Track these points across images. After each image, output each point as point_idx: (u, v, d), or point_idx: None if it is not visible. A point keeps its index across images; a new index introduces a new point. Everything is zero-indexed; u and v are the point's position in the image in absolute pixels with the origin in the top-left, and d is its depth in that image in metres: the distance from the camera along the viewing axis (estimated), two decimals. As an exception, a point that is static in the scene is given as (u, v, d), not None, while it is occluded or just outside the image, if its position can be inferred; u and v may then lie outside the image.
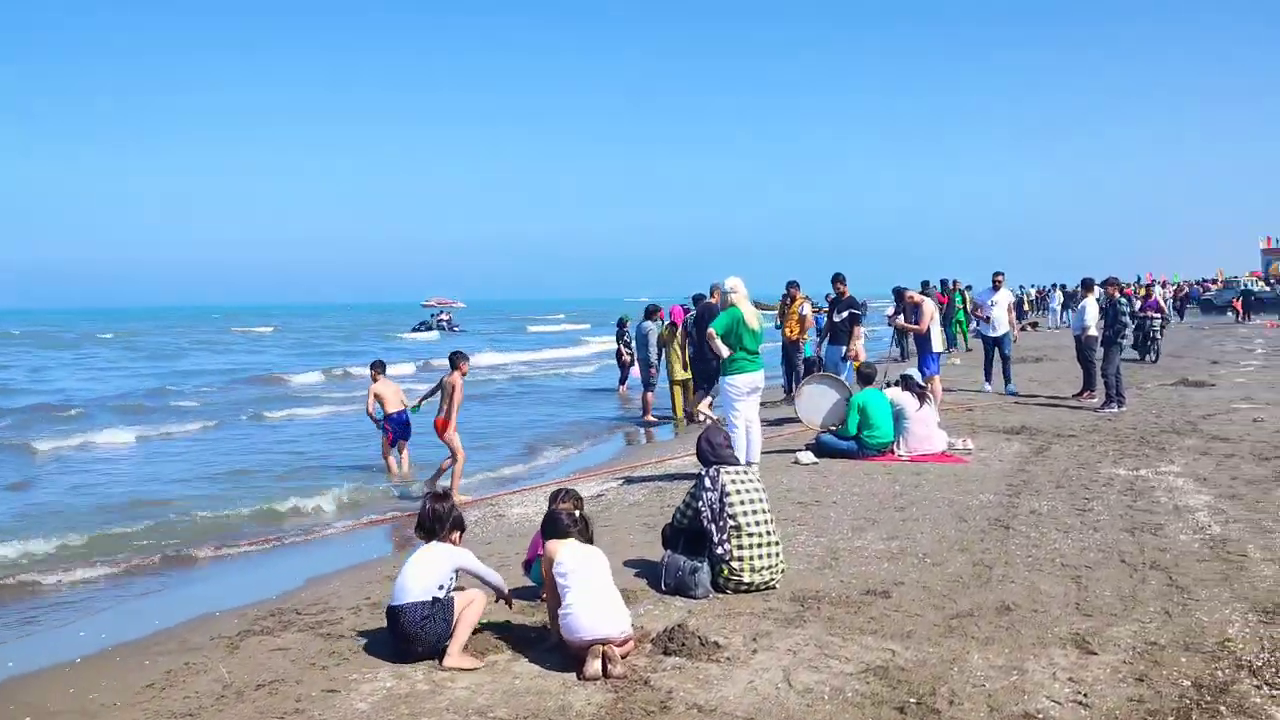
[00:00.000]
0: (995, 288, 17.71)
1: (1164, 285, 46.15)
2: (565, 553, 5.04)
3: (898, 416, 10.99)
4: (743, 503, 6.00)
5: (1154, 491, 8.90)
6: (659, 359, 16.83)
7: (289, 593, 7.06)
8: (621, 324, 21.18)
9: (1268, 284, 56.18)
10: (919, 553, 6.95)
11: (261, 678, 4.94)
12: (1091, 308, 15.94)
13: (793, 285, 16.56)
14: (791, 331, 16.63)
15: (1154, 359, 23.00)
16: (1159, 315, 23.74)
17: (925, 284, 28.83)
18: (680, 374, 16.00)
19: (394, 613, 5.12)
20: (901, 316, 15.31)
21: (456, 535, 5.55)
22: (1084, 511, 8.13)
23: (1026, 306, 47.21)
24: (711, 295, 16.42)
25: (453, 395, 10.54)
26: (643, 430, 16.34)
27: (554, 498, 5.90)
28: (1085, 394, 16.25)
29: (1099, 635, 5.21)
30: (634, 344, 18.64)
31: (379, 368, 12.61)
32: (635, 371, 18.34)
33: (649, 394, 17.23)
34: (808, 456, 10.67)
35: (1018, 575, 6.36)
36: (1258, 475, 9.45)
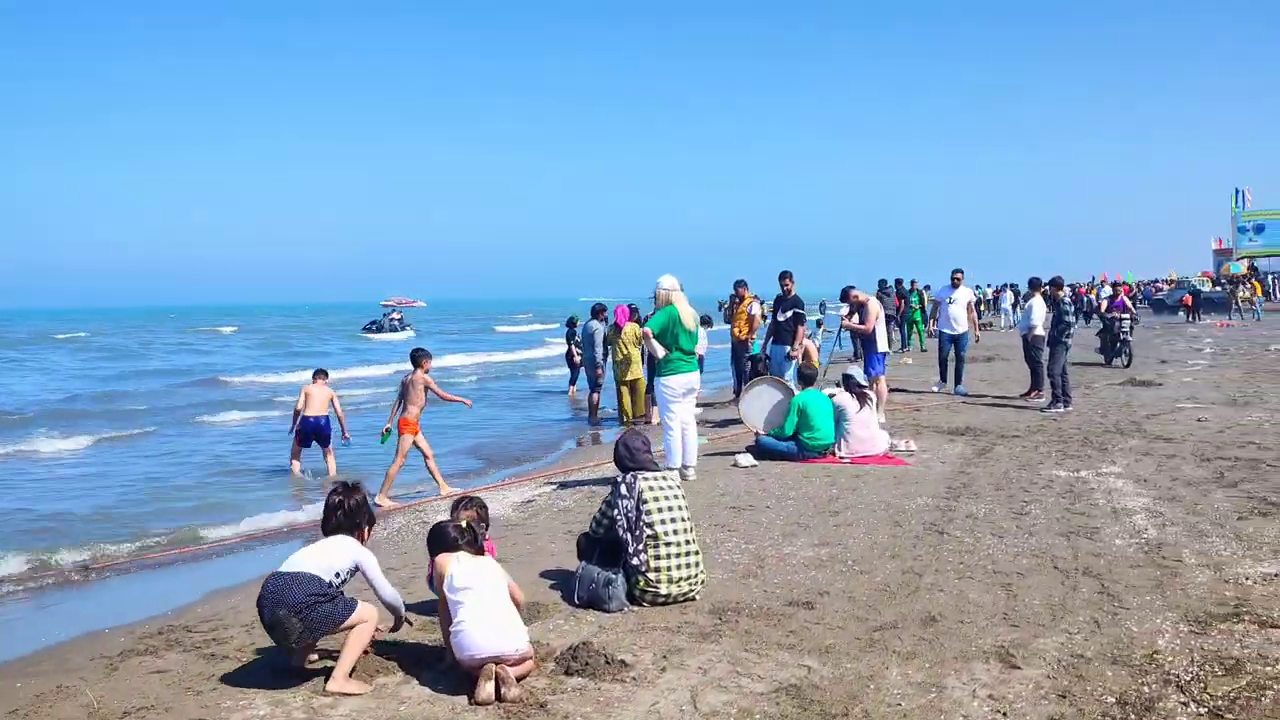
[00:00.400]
0: (954, 285, 17.46)
1: (1111, 284, 46.45)
2: (455, 567, 4.74)
3: (838, 418, 10.78)
4: (660, 510, 5.73)
5: (1093, 494, 8.74)
6: (605, 359, 16.58)
7: (185, 607, 6.70)
8: (571, 324, 20.87)
9: (1218, 284, 56.89)
10: (849, 560, 6.71)
11: (130, 704, 4.59)
12: (1038, 308, 15.87)
13: (740, 284, 16.33)
14: (740, 331, 16.40)
15: (1125, 362, 21.28)
16: (1127, 315, 21.89)
17: (883, 283, 28.78)
18: (627, 374, 15.72)
19: (275, 582, 4.68)
20: (855, 317, 15.17)
21: (366, 530, 5.19)
22: (1021, 515, 7.94)
23: (983, 306, 47.44)
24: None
25: (413, 394, 10.29)
26: (589, 432, 16.07)
27: (456, 506, 5.60)
28: (1032, 393, 16.17)
29: (1024, 648, 4.99)
30: (582, 344, 18.38)
31: (321, 375, 12.34)
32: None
33: (595, 395, 16.95)
34: (746, 459, 10.43)
35: (947, 583, 6.14)
36: (1197, 477, 9.32)
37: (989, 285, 52.59)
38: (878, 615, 5.55)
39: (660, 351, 9.31)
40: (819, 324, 26.81)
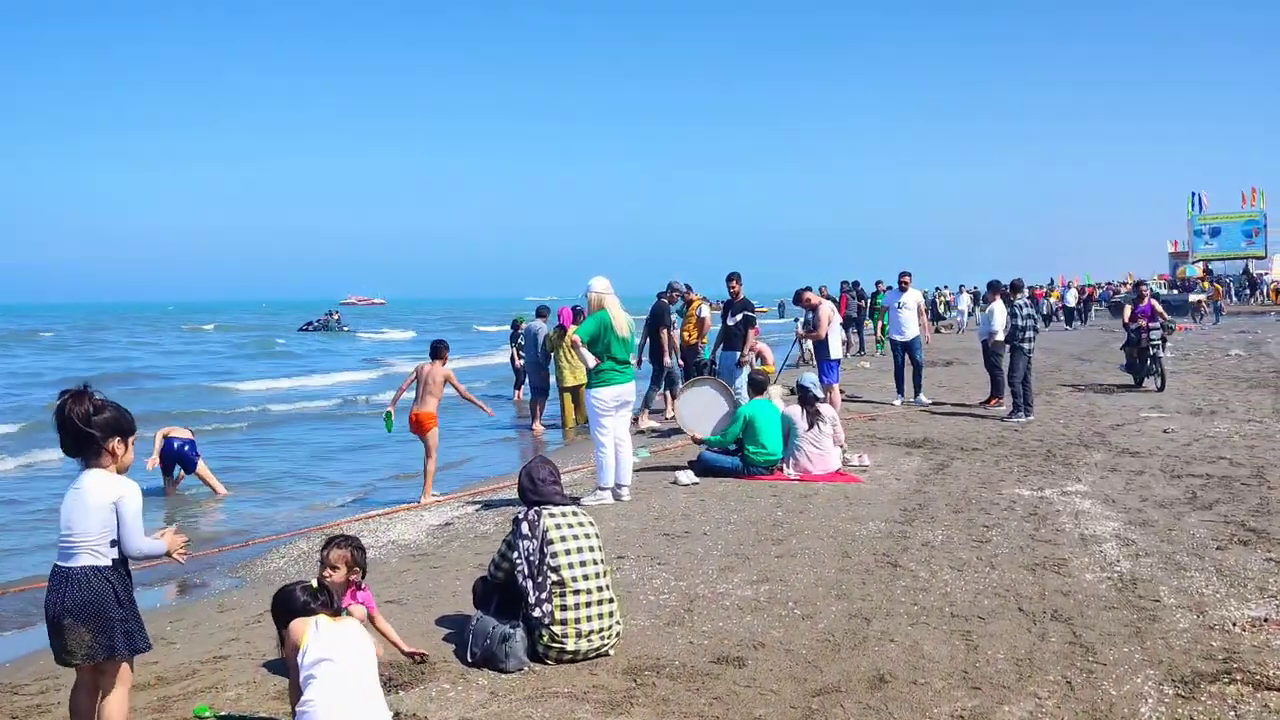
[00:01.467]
0: (903, 288, 16.70)
1: (1135, 284, 46.25)
2: (311, 636, 3.93)
3: (788, 433, 10.04)
4: (569, 552, 4.94)
5: (1059, 517, 8.06)
6: (548, 363, 15.76)
7: (19, 660, 5.83)
8: (515, 325, 20.01)
9: (1174, 288, 56.99)
10: (790, 600, 5.96)
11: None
12: (999, 312, 15.26)
13: (688, 289, 15.60)
14: (690, 335, 15.64)
15: (1159, 384, 16.93)
16: (1158, 326, 17.23)
17: (844, 284, 28.15)
18: (569, 380, 14.92)
19: (56, 577, 3.75)
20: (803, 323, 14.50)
21: (117, 444, 3.86)
22: (982, 543, 7.23)
23: (942, 308, 46.99)
24: (669, 292, 15.57)
25: (431, 386, 9.72)
26: (531, 439, 15.29)
27: (327, 546, 4.77)
28: (993, 401, 15.55)
29: (987, 719, 4.26)
30: (524, 347, 17.57)
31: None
32: None
33: (537, 400, 16.13)
34: (687, 476, 9.66)
35: (899, 631, 5.40)
36: (1169, 496, 8.68)
37: (945, 287, 52.23)
38: (818, 674, 4.79)
39: (591, 361, 8.54)
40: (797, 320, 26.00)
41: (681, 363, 14.90)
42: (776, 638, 5.31)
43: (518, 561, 4.89)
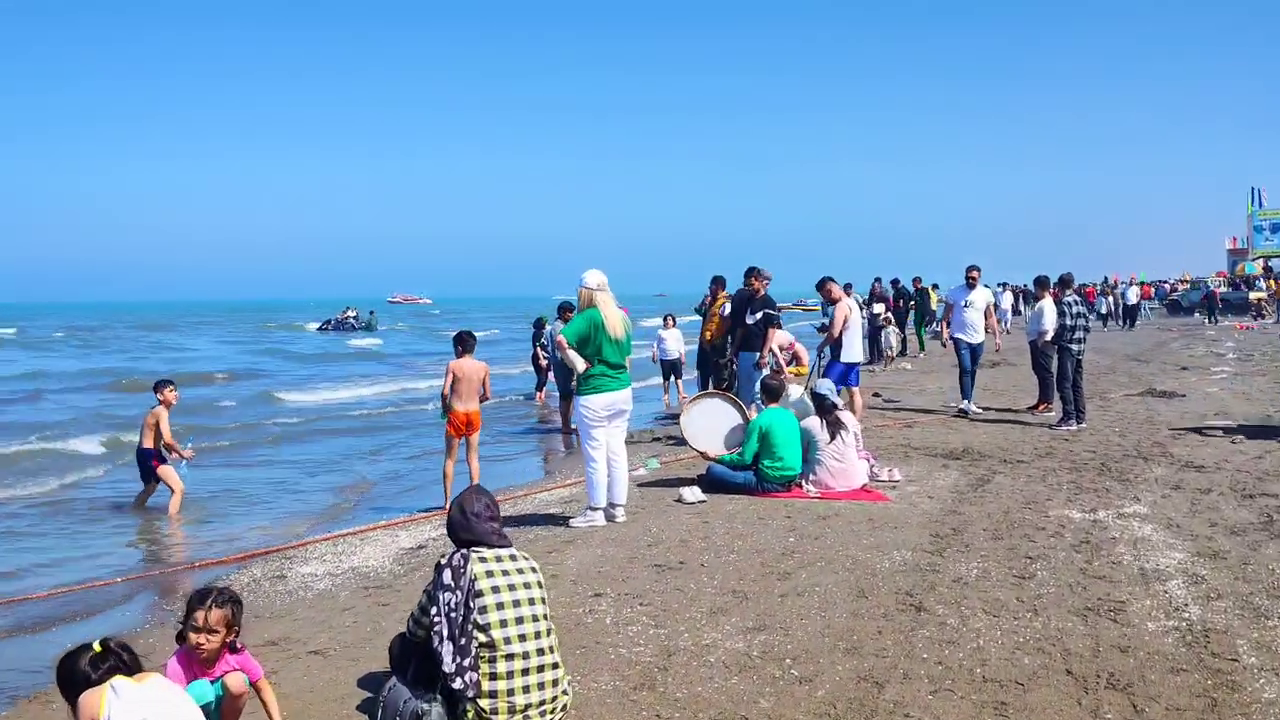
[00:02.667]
0: (970, 285, 14.57)
1: (1129, 285, 44.46)
2: (109, 702, 3.05)
3: (806, 445, 9.03)
4: (501, 606, 3.98)
5: (1115, 545, 7.00)
6: None
7: None
8: (539, 325, 19.12)
9: (1233, 285, 54.92)
10: (788, 655, 4.97)
11: None
12: (1049, 310, 14.04)
13: (716, 282, 14.56)
14: (713, 334, 14.64)
15: None
16: None
17: (893, 282, 26.95)
18: None
19: None
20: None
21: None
22: (1024, 579, 6.20)
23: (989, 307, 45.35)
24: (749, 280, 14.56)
25: (474, 384, 9.15)
26: (561, 442, 14.42)
27: (202, 603, 3.84)
28: (1041, 406, 14.40)
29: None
30: (549, 348, 16.72)
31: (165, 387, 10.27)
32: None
33: (565, 404, 15.19)
34: (693, 493, 8.67)
35: (917, 700, 4.41)
36: (1241, 521, 7.58)
37: (1000, 285, 50.57)
38: (809, 766, 3.82)
39: (580, 365, 7.59)
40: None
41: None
42: (763, 710, 4.33)
43: (435, 620, 3.95)
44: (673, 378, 17.95)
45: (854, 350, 12.51)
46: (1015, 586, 6.05)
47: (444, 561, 4.06)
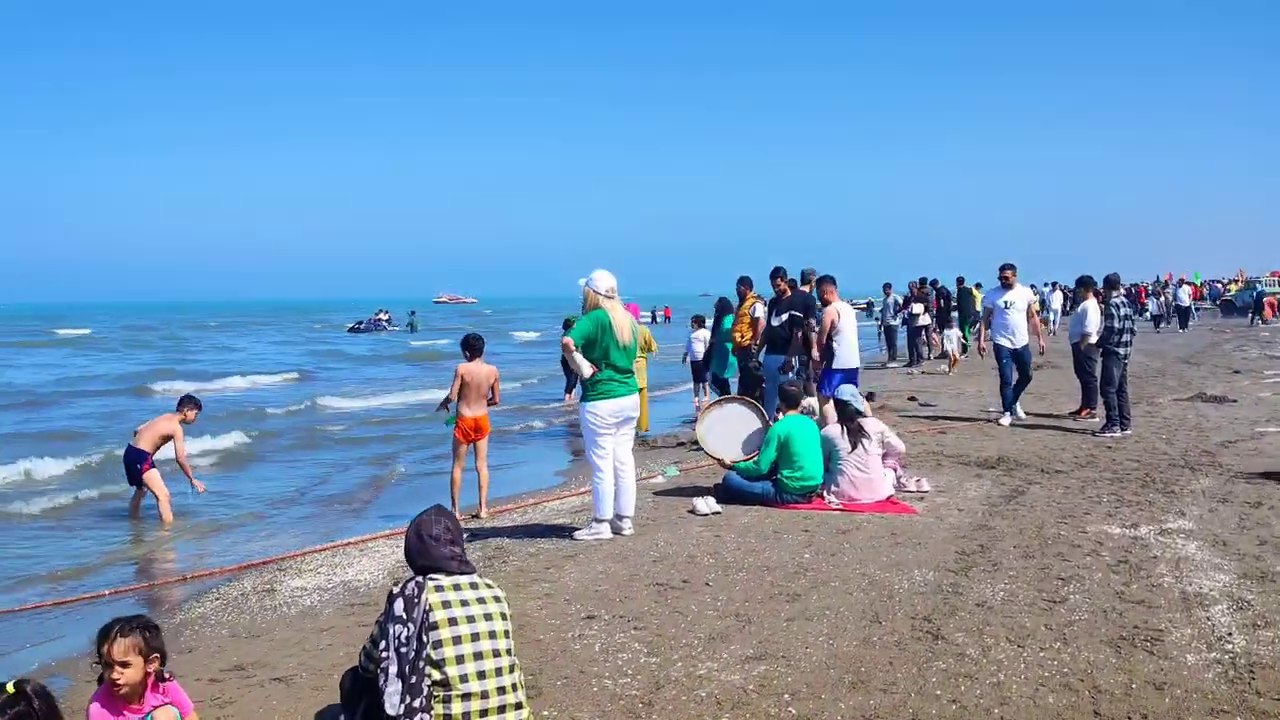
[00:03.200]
0: (1006, 285, 13.54)
1: (1180, 284, 43.26)
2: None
3: (828, 454, 8.59)
4: (458, 640, 3.61)
5: (1155, 565, 6.50)
6: None
7: None
8: (567, 326, 18.73)
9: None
10: (787, 690, 4.55)
11: None
12: (1092, 311, 13.46)
13: (744, 283, 14.10)
14: (743, 336, 14.19)
15: None
16: None
17: (932, 282, 26.32)
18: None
19: None
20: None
21: None
22: (1054, 604, 5.73)
23: (1036, 307, 44.49)
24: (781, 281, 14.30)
25: (482, 389, 8.76)
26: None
27: (105, 638, 3.47)
28: (1084, 412, 13.81)
29: None
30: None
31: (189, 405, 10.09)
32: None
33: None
34: (707, 504, 8.26)
35: (925, 747, 3.97)
36: (1295, 539, 7.05)
37: (1031, 284, 49.36)
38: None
39: (587, 370, 7.21)
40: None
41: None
42: (752, 755, 3.92)
43: (384, 655, 3.58)
44: (705, 380, 17.51)
45: (847, 356, 11.61)
46: (1044, 612, 5.59)
47: (396, 590, 3.69)
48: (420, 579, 3.71)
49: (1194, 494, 8.71)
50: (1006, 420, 13.29)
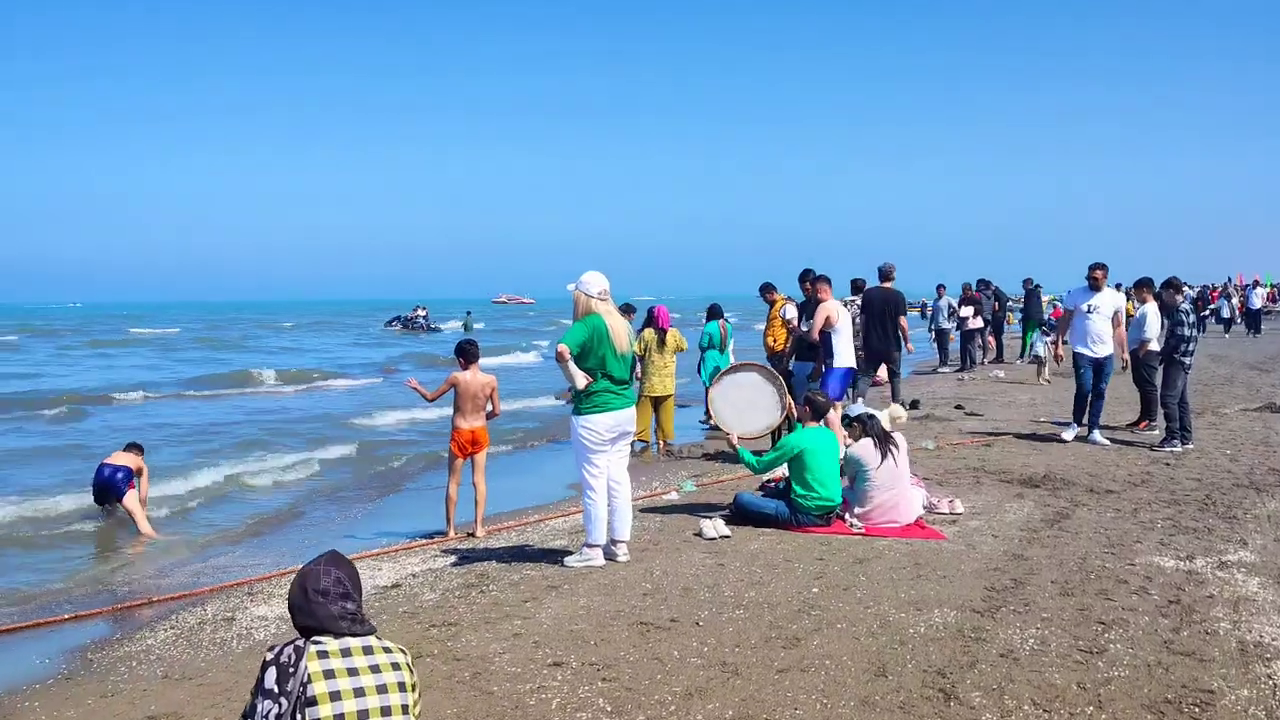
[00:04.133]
0: (1094, 286, 11.92)
1: (1254, 286, 41.46)
2: None
3: (853, 473, 7.90)
4: (339, 718, 2.99)
5: (1211, 606, 5.74)
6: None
7: None
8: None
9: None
10: (764, 764, 3.89)
11: None
12: (1152, 316, 12.54)
13: (768, 288, 13.44)
14: (775, 341, 13.51)
15: None
16: None
17: (984, 284, 25.34)
18: (659, 389, 12.88)
19: None
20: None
21: None
22: (1091, 654, 5.00)
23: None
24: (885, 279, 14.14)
25: (479, 400, 8.22)
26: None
27: None
28: (1142, 424, 12.91)
29: None
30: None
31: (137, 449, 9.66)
32: None
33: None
34: (715, 527, 7.59)
35: None
36: (1375, 578, 6.22)
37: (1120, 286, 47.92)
38: None
39: (581, 381, 6.59)
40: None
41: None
42: None
43: (253, 734, 2.98)
44: None
45: (846, 355, 10.79)
46: (1079, 666, 4.86)
47: (270, 657, 3.08)
48: (301, 642, 3.11)
49: (1258, 520, 7.89)
50: (1070, 435, 12.02)
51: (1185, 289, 12.48)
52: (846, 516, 7.76)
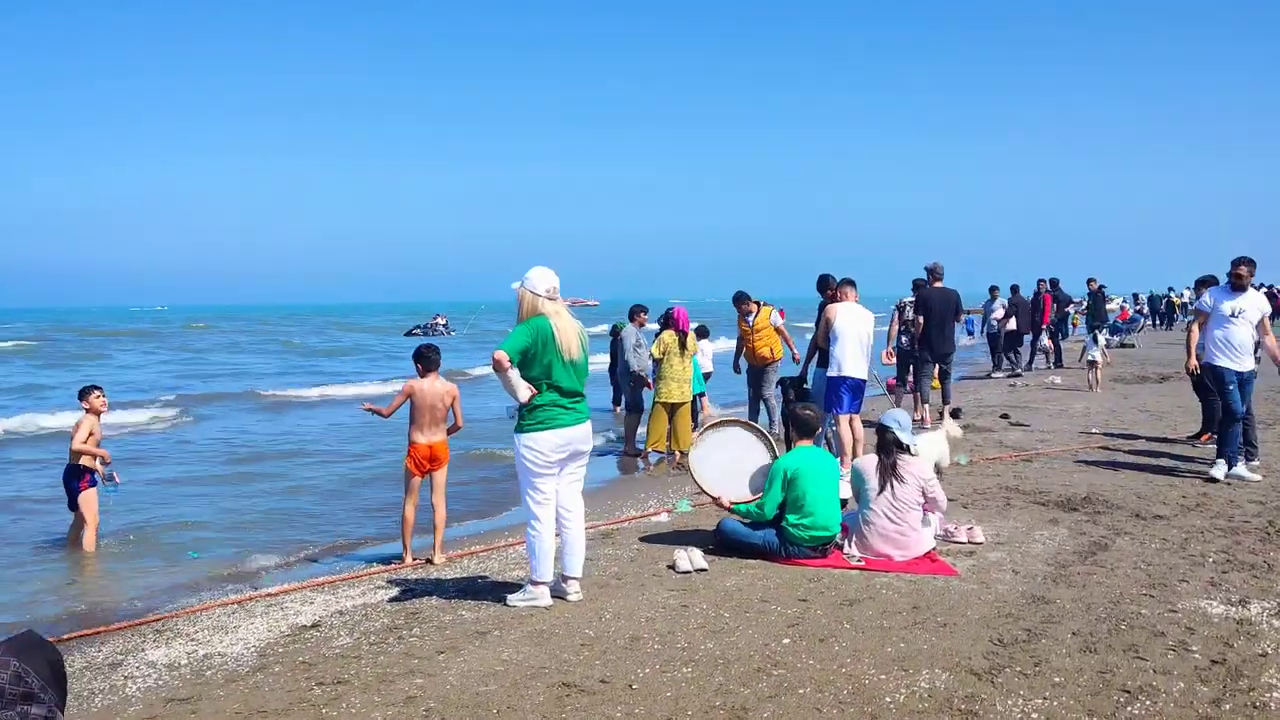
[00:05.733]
0: (1237, 286, 9.69)
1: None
2: None
3: (856, 494, 6.95)
4: None
5: (1264, 668, 4.73)
6: (652, 372, 12.76)
7: None
8: (615, 332, 17.22)
9: None
10: None
11: None
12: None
13: (742, 298, 12.55)
14: (773, 351, 12.61)
15: None
16: None
17: (1053, 281, 24.01)
18: (674, 395, 12.00)
19: None
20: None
21: None
22: (1108, 733, 4.02)
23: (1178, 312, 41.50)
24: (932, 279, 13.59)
25: (439, 411, 7.49)
26: (617, 466, 12.57)
27: None
28: (1204, 437, 11.71)
29: None
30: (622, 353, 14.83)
31: (93, 391, 8.85)
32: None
33: (633, 417, 13.30)
34: (690, 559, 6.65)
35: None
36: None
37: (1172, 289, 46.19)
38: None
39: (523, 393, 5.73)
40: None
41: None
42: None
43: None
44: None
45: (849, 364, 9.71)
46: (1089, 752, 3.88)
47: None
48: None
49: (1331, 555, 6.78)
50: (1222, 472, 9.45)
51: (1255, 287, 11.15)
52: (846, 545, 6.80)
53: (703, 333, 14.52)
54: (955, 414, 14.18)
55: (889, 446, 7.00)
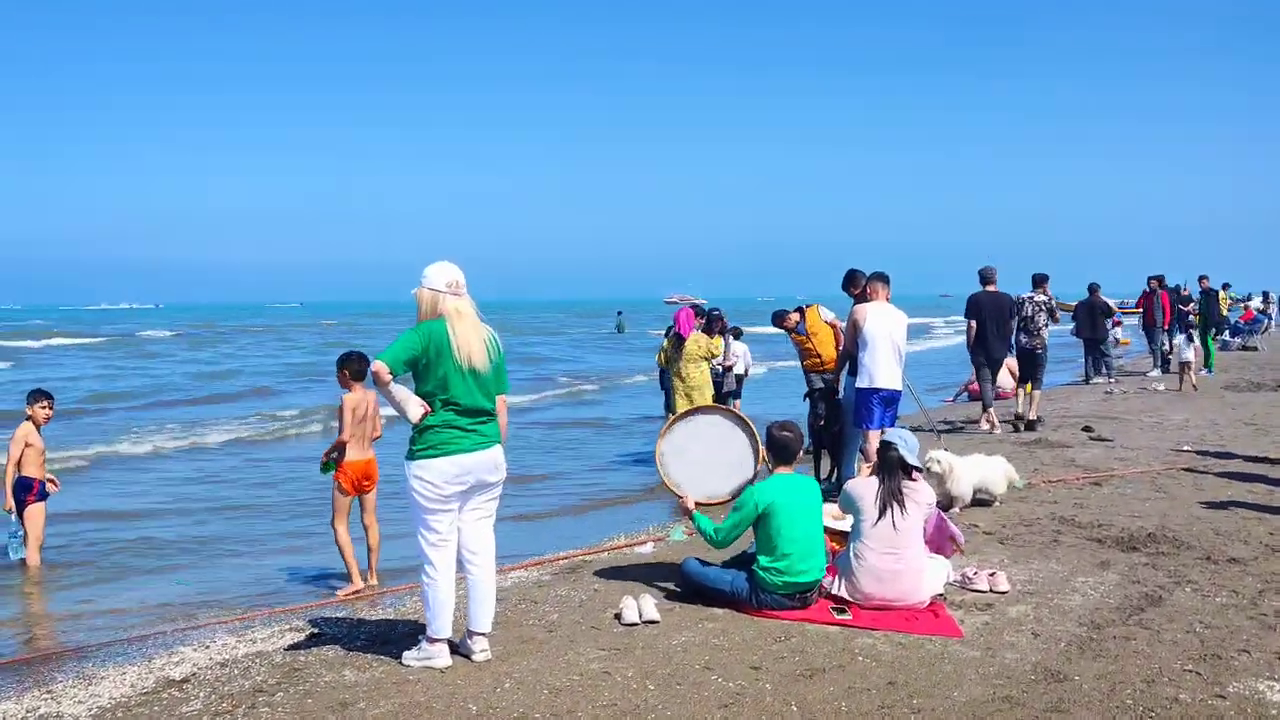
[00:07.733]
0: None
1: None
2: None
3: (850, 514, 5.86)
4: None
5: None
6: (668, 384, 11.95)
7: None
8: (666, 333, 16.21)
9: None
10: None
11: None
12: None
13: (781, 315, 11.34)
14: (827, 352, 11.41)
15: None
16: None
17: (1158, 278, 22.13)
18: (681, 404, 11.00)
19: None
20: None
21: None
22: None
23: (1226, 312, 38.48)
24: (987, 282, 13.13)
25: (374, 422, 6.92)
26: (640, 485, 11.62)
27: None
28: (1314, 456, 10.19)
29: None
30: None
31: (39, 399, 8.21)
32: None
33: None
34: (638, 610, 5.59)
35: None
36: None
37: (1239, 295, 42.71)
38: None
39: (414, 412, 4.79)
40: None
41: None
42: None
43: None
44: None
45: (880, 374, 8.53)
46: None
47: None
48: None
49: None
50: None
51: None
52: (834, 586, 5.70)
53: (735, 333, 13.40)
54: (1030, 426, 12.87)
55: (892, 467, 5.86)
